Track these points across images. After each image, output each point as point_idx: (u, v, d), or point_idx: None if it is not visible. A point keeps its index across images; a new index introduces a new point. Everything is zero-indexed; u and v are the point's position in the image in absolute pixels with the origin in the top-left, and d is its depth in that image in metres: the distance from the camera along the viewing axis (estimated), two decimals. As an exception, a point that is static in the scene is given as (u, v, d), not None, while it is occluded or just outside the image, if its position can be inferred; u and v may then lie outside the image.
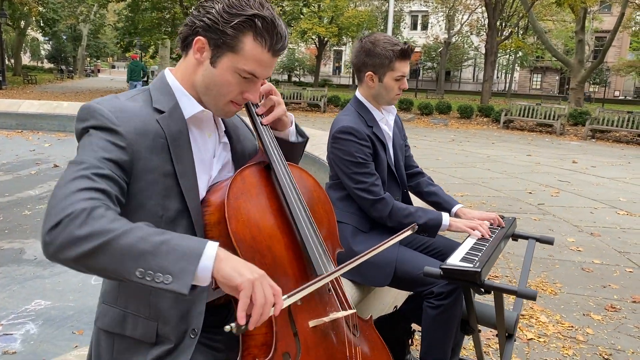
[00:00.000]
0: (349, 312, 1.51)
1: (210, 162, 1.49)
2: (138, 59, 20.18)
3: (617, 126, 16.06)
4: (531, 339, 3.31)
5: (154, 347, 1.37)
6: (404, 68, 2.45)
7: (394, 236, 1.53)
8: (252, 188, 1.44)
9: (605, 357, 3.12)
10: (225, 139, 1.58)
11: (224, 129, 1.58)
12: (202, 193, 1.45)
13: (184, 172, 1.38)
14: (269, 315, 1.15)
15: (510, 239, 2.66)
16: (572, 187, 8.30)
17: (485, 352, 2.96)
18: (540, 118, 17.75)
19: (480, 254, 2.19)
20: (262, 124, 1.53)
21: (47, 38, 51.61)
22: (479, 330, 2.83)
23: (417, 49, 44.93)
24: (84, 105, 1.32)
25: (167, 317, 1.37)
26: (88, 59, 58.49)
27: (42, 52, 61.91)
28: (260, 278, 1.15)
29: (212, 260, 1.11)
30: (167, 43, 28.75)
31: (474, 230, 2.41)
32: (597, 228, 5.95)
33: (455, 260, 2.10)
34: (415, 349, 3.09)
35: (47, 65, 57.49)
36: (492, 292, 2.11)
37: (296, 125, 1.70)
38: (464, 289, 2.21)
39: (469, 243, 2.32)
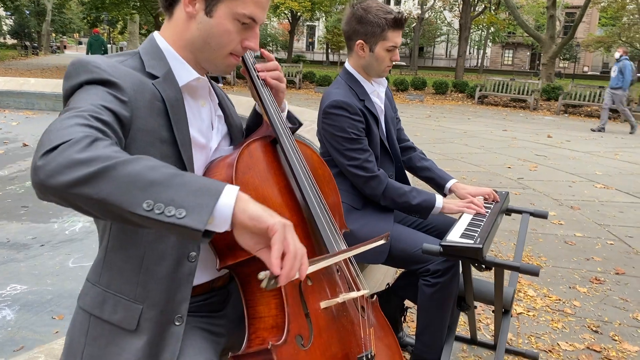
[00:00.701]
0: (363, 292, 1.44)
1: (208, 133, 1.39)
2: (99, 33, 19.65)
3: (588, 101, 16.27)
4: (520, 313, 3.31)
5: (134, 336, 1.23)
6: (396, 38, 2.36)
7: (365, 244, 1.43)
8: (260, 163, 1.35)
9: (594, 329, 3.14)
10: (220, 112, 1.49)
11: (217, 101, 1.48)
12: (201, 166, 1.35)
13: (183, 141, 1.27)
14: (296, 274, 1.03)
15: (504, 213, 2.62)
16: (549, 161, 8.38)
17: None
18: (514, 93, 17.87)
19: (479, 230, 2.14)
20: (266, 94, 1.44)
21: (9, 13, 49.60)
22: (475, 307, 2.80)
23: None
24: (74, 61, 1.19)
25: (155, 300, 1.25)
26: (53, 34, 56.57)
27: (4, 28, 59.69)
28: (289, 224, 1.02)
29: (233, 199, 0.96)
30: (136, 18, 27.98)
31: (466, 208, 2.35)
32: (576, 201, 6.00)
33: (454, 236, 2.04)
34: (408, 325, 3.05)
35: (10, 41, 55.43)
36: (493, 268, 2.08)
37: (288, 111, 1.62)
38: (464, 265, 2.16)
39: (466, 219, 2.27)
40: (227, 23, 1.28)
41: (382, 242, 1.50)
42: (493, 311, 2.58)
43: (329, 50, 47.55)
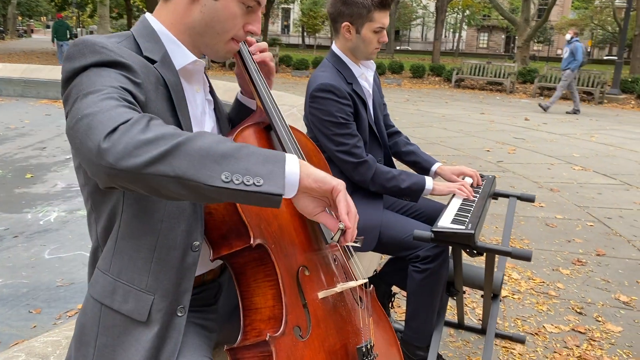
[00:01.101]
0: (360, 281, 1.39)
1: (201, 119, 1.32)
2: (64, 18, 19.11)
3: (563, 84, 16.43)
4: (506, 296, 3.31)
5: (145, 327, 1.19)
6: (383, 19, 2.29)
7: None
8: None
9: (578, 310, 3.16)
10: (210, 97, 1.42)
11: (209, 88, 1.42)
12: None
13: (187, 127, 1.21)
14: (355, 232, 1.13)
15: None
16: (528, 144, 8.44)
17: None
18: (491, 76, 17.97)
19: (469, 215, 2.11)
20: (260, 76, 1.38)
21: (-28, -5, 47.95)
22: (464, 292, 2.79)
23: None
24: (76, 41, 1.10)
25: (165, 291, 1.20)
26: (20, 18, 54.93)
27: (-31, 11, 57.67)
28: (345, 186, 1.10)
29: (297, 165, 1.01)
30: (107, 1, 27.26)
31: (457, 189, 2.33)
32: (555, 184, 6.05)
33: (446, 222, 2.01)
34: (395, 311, 3.03)
35: (-26, 25, 53.66)
36: (485, 253, 2.05)
37: None
38: (455, 251, 2.13)
39: (455, 204, 2.23)
40: (234, 6, 1.23)
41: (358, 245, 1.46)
42: (482, 296, 2.56)
43: (305, 34, 47.14)
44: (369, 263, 3.25)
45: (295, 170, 1.00)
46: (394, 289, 2.77)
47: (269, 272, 1.23)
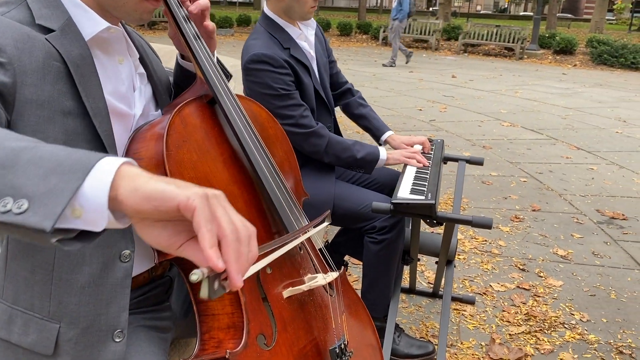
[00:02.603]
0: (331, 276, 1.26)
1: (128, 96, 1.11)
2: None
3: (486, 40, 16.84)
4: (452, 257, 3.35)
5: None
6: None
7: (311, 225, 1.25)
8: (197, 132, 1.10)
9: (521, 267, 3.24)
10: (142, 69, 1.20)
11: (137, 56, 1.20)
12: (123, 141, 1.08)
13: (97, 111, 0.99)
14: (251, 259, 0.68)
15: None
16: (457, 101, 8.58)
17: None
18: (417, 34, 18.09)
19: (427, 184, 2.04)
20: (198, 38, 1.17)
21: None
22: (419, 259, 2.77)
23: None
24: None
25: (75, 317, 1.01)
26: None
27: None
28: (215, 195, 0.67)
29: (110, 175, 0.62)
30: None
31: (411, 159, 2.26)
32: (487, 141, 6.19)
33: (404, 193, 1.93)
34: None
35: None
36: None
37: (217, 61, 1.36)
38: (414, 222, 2.07)
39: (410, 172, 2.16)
40: None
41: (326, 223, 1.33)
42: (436, 262, 2.55)
43: (227, -9, 45.38)
44: (318, 231, 3.17)
45: (104, 184, 0.61)
46: (347, 258, 2.71)
47: None
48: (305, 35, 2.25)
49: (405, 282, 2.93)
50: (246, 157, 1.15)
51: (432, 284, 2.99)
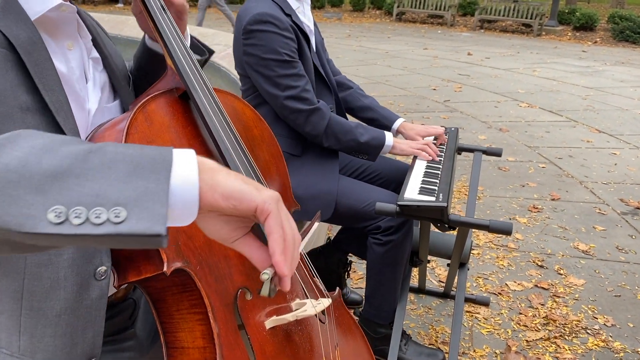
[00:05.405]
0: (322, 303, 1.06)
1: (81, 88, 0.92)
2: None
3: (503, 16, 16.31)
4: (465, 252, 3.14)
5: None
6: None
7: (304, 232, 1.05)
8: (165, 132, 0.91)
9: (539, 263, 3.03)
10: (96, 53, 1.01)
11: (90, 37, 1.00)
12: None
13: (59, 104, 0.83)
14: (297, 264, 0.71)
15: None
16: (473, 80, 8.26)
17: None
18: (432, 9, 17.58)
19: (438, 182, 1.83)
20: (165, 22, 0.97)
21: None
22: (428, 261, 2.56)
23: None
24: None
25: (51, 351, 0.86)
26: None
27: None
28: (280, 199, 0.66)
29: (194, 170, 0.58)
30: None
31: (420, 151, 2.04)
32: (504, 123, 5.91)
33: (412, 193, 1.72)
34: (351, 278, 2.79)
35: None
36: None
37: (192, 40, 1.15)
38: (423, 224, 1.86)
39: (419, 168, 1.95)
40: None
41: (316, 224, 1.12)
42: (447, 264, 2.35)
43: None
44: (319, 228, 2.97)
45: (191, 179, 0.57)
46: (350, 256, 2.51)
47: (195, 301, 0.89)
48: (303, 10, 2.03)
49: (414, 281, 2.73)
50: (222, 160, 0.96)
51: (443, 282, 2.79)
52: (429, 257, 3.02)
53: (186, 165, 0.57)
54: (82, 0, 19.02)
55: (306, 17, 2.05)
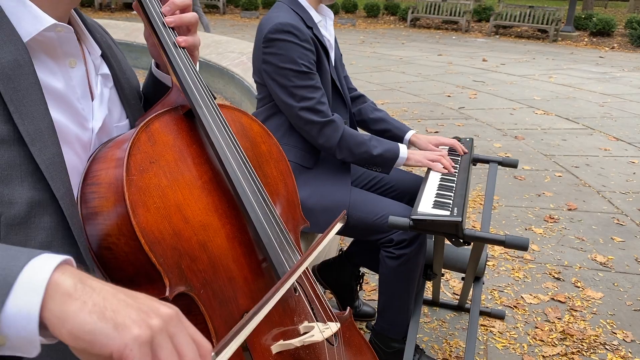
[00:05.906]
0: (331, 329, 1.03)
1: (83, 107, 0.89)
2: None
3: (518, 21, 16.20)
4: (480, 263, 3.09)
5: None
6: None
7: (322, 238, 1.03)
8: (169, 151, 0.89)
9: (556, 276, 2.97)
10: (106, 69, 0.98)
11: (99, 52, 0.97)
12: (78, 167, 0.86)
13: (36, 135, 0.77)
14: None
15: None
16: (488, 87, 8.19)
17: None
18: (446, 15, 17.53)
19: (452, 195, 1.80)
20: (175, 44, 0.95)
21: None
22: (442, 275, 2.53)
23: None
24: None
25: None
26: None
27: None
28: (164, 326, 0.55)
29: (38, 294, 0.51)
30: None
31: (435, 163, 2.01)
32: (519, 130, 5.84)
33: (426, 207, 1.69)
34: (363, 290, 2.76)
35: None
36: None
37: None
38: (437, 238, 1.83)
39: (434, 180, 1.92)
40: None
41: (340, 225, 1.10)
42: (462, 278, 2.31)
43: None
44: (331, 240, 2.94)
45: (30, 308, 0.50)
46: (362, 269, 2.48)
47: (199, 325, 0.87)
48: (325, 24, 2.05)
49: (428, 293, 2.69)
50: (228, 181, 0.93)
51: (457, 294, 2.75)
52: (443, 270, 2.98)
53: (29, 290, 0.50)
54: (99, 7, 19.25)
55: (328, 31, 2.06)
